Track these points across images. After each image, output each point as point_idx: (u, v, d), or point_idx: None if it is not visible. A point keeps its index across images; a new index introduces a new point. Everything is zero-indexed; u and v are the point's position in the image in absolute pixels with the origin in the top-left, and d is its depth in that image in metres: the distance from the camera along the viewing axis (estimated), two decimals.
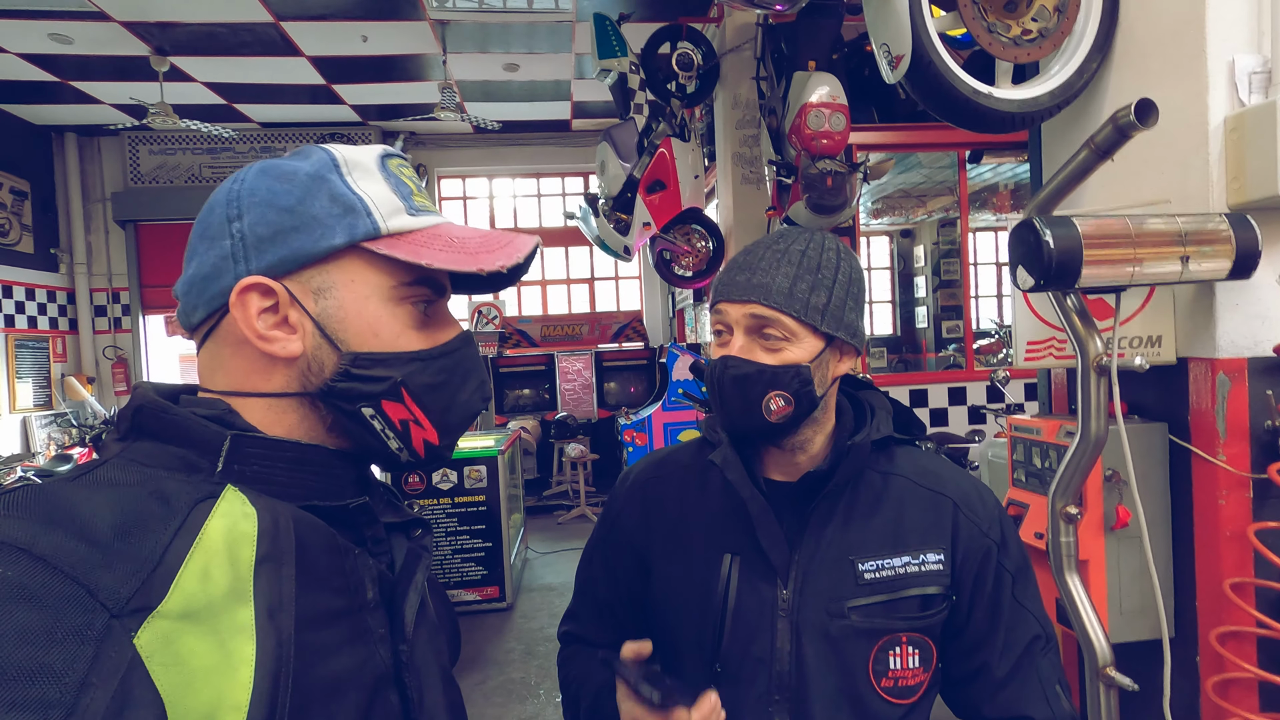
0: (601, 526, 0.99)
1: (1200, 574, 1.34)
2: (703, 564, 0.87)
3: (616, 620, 0.97)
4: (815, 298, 0.81)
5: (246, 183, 0.55)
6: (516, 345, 7.16)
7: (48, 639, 0.39)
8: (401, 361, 0.56)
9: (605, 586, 0.97)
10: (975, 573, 0.86)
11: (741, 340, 0.83)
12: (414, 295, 0.58)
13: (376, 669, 0.54)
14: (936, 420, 4.13)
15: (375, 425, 0.57)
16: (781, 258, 0.83)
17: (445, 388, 0.59)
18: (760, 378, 0.81)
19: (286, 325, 0.55)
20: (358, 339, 0.55)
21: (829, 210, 3.09)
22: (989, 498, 0.91)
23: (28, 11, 4.30)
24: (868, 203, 6.11)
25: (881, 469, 0.89)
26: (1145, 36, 1.43)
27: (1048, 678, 0.87)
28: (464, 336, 0.62)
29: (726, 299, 0.84)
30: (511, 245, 0.58)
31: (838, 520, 0.86)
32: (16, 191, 5.95)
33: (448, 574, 3.99)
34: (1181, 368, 1.36)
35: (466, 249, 0.57)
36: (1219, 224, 1.16)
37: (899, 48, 1.45)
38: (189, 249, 0.57)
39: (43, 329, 6.16)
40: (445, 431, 0.60)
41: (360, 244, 0.55)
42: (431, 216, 0.59)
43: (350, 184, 0.56)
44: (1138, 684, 1.16)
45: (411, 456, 0.59)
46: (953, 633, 0.87)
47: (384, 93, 5.93)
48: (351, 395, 0.55)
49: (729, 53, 4.06)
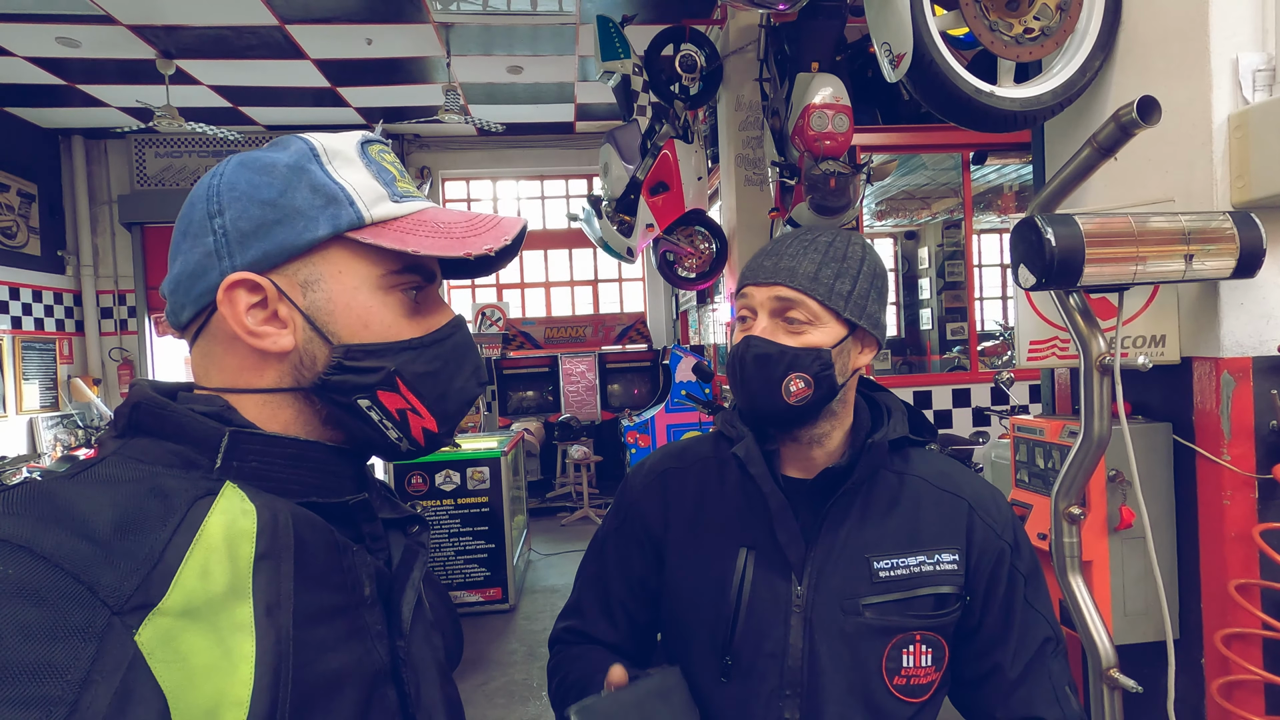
0: (614, 517, 0.98)
1: (1205, 575, 1.33)
2: (718, 557, 0.87)
3: (626, 614, 0.95)
4: (840, 284, 0.83)
5: (225, 177, 0.54)
6: (520, 347, 7.17)
7: (50, 636, 0.39)
8: (394, 351, 0.56)
9: (617, 579, 0.95)
10: (989, 574, 0.86)
11: (765, 322, 0.83)
12: (403, 283, 0.57)
13: (374, 665, 0.54)
14: (941, 422, 4.11)
15: (373, 416, 0.56)
16: (809, 246, 0.84)
17: (441, 375, 0.58)
18: (782, 358, 0.81)
19: (276, 320, 0.54)
20: (348, 331, 0.55)
21: (832, 211, 3.08)
22: (1002, 501, 0.92)
23: (36, 15, 4.33)
24: (871, 204, 6.10)
25: (897, 469, 0.89)
26: (1148, 34, 1.42)
27: (1059, 679, 0.87)
28: (456, 322, 0.61)
29: (752, 282, 0.85)
30: (498, 227, 0.58)
31: (854, 518, 0.86)
32: (24, 194, 5.99)
33: (450, 575, 3.99)
34: (1185, 367, 1.35)
35: (453, 233, 0.56)
36: (1223, 222, 1.16)
37: (900, 46, 1.45)
38: (172, 247, 0.56)
39: (49, 331, 6.19)
40: (444, 419, 0.59)
41: (345, 234, 0.54)
42: (415, 201, 0.58)
43: (331, 173, 0.55)
44: (1142, 686, 1.16)
45: (412, 445, 0.59)
46: (966, 634, 0.87)
47: (388, 95, 5.95)
48: (346, 388, 0.55)
49: (732, 54, 4.06)
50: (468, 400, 0.61)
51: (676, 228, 4.20)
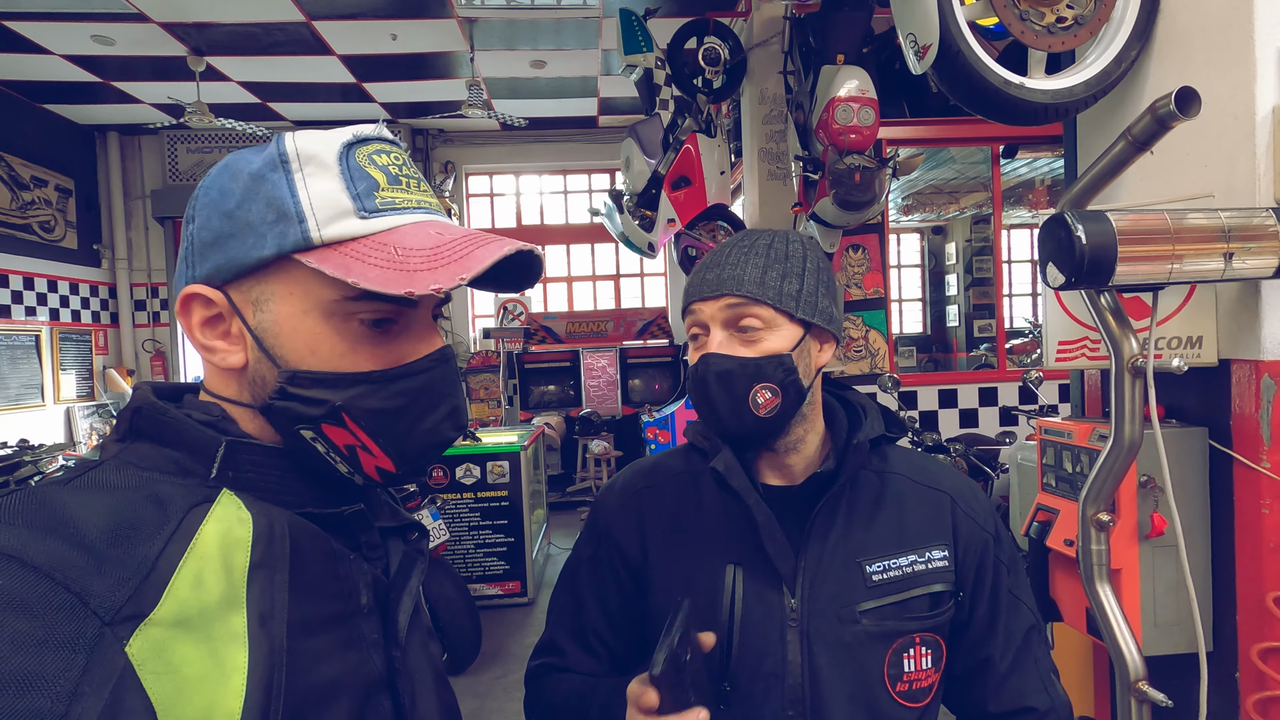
0: (586, 544, 0.92)
1: (1241, 586, 1.28)
2: (704, 577, 0.83)
3: (607, 648, 0.90)
4: (788, 285, 0.80)
5: (209, 180, 0.53)
6: (541, 341, 7.19)
7: (39, 648, 0.39)
8: (345, 384, 0.51)
9: (594, 611, 0.90)
10: (976, 567, 0.86)
11: (720, 336, 0.80)
12: (360, 310, 0.51)
13: (369, 675, 0.54)
14: (966, 421, 4.04)
15: (318, 448, 0.52)
16: (749, 251, 0.81)
17: (404, 414, 0.53)
18: (744, 371, 0.78)
19: (230, 336, 0.52)
20: (294, 356, 0.51)
21: (857, 206, 3.03)
22: (980, 493, 0.92)
23: (71, 14, 4.43)
24: (898, 199, 6.00)
25: (876, 468, 0.88)
26: (1189, 23, 1.36)
27: (1044, 666, 0.88)
28: (436, 355, 0.55)
29: (699, 298, 0.82)
30: (462, 261, 0.49)
31: (840, 522, 0.83)
32: (61, 189, 6.15)
33: (470, 568, 4.02)
34: (1223, 370, 1.30)
35: (408, 264, 0.49)
36: (1266, 219, 1.11)
37: (926, 37, 1.41)
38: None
39: (85, 322, 6.36)
40: (402, 459, 0.54)
41: (291, 255, 0.50)
42: (393, 216, 0.52)
43: (294, 184, 0.50)
44: (1172, 700, 1.12)
45: (365, 480, 0.55)
46: (957, 628, 0.86)
47: (413, 90, 5.99)
48: (289, 415, 0.52)
49: (756, 47, 4.01)
50: (438, 443, 0.55)
51: (698, 223, 4.16)
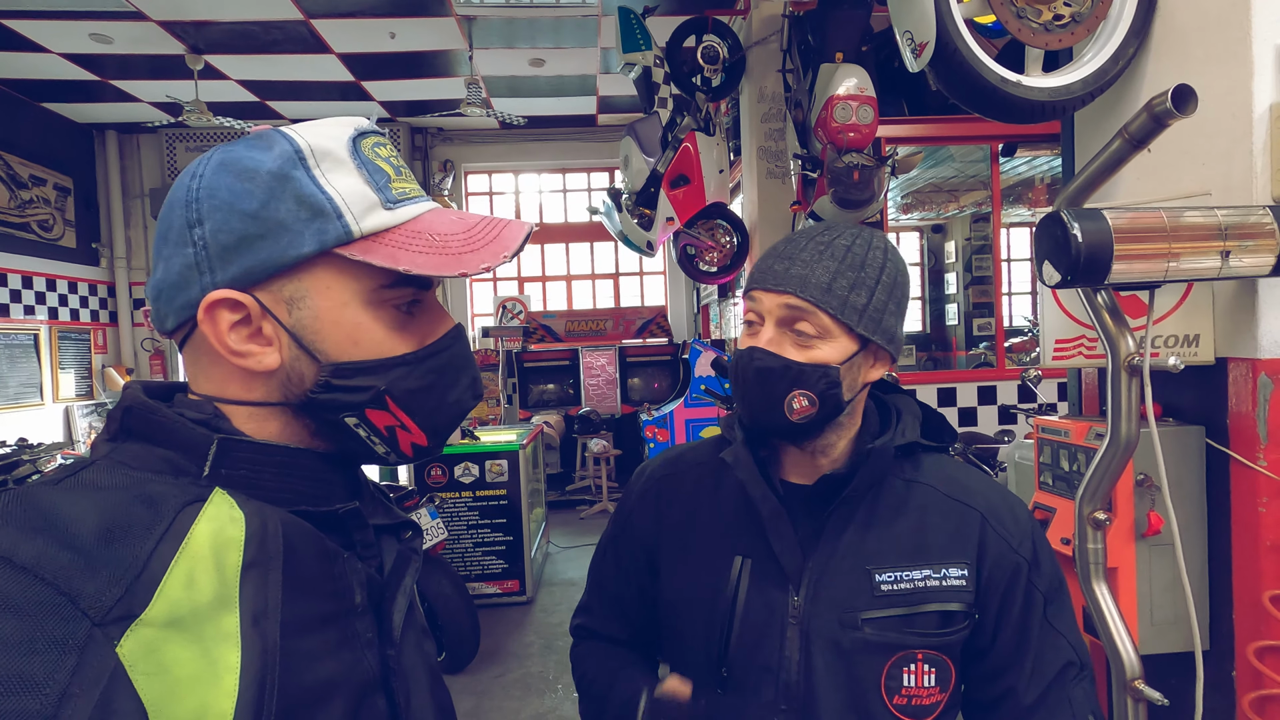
0: (614, 524, 0.98)
1: (1238, 584, 1.28)
2: (712, 565, 0.85)
3: (629, 618, 0.96)
4: (855, 296, 0.77)
5: (205, 180, 0.51)
6: (540, 340, 7.19)
7: (28, 649, 0.38)
8: (385, 368, 0.54)
9: (617, 583, 0.96)
10: (1003, 591, 0.81)
11: (771, 332, 0.78)
12: (395, 297, 0.54)
13: (364, 674, 0.53)
14: (965, 420, 4.04)
15: (360, 433, 0.55)
16: (824, 250, 0.78)
17: (434, 389, 0.56)
18: (785, 374, 0.77)
19: (261, 338, 0.52)
20: (336, 348, 0.52)
21: (855, 205, 3.03)
22: (1021, 512, 0.86)
23: (70, 12, 4.42)
24: (896, 197, 6.00)
25: (906, 476, 0.84)
26: (1186, 20, 1.36)
27: (1080, 708, 0.80)
28: (454, 332, 0.58)
29: (761, 286, 0.80)
30: (498, 240, 0.54)
31: (856, 527, 0.82)
32: (60, 188, 6.14)
33: (468, 567, 4.02)
34: (1220, 368, 1.30)
35: (450, 248, 0.53)
36: (1263, 217, 1.11)
37: (923, 35, 1.41)
38: (155, 249, 0.54)
39: (84, 321, 6.35)
40: (434, 433, 0.57)
41: (332, 250, 0.51)
42: (412, 206, 0.55)
43: (318, 180, 0.51)
44: (1168, 699, 1.12)
45: (399, 459, 0.57)
46: (976, 654, 0.82)
47: (412, 89, 5.98)
48: (333, 406, 0.53)
49: (755, 45, 4.00)
50: (461, 413, 0.59)
51: (697, 221, 4.16)
